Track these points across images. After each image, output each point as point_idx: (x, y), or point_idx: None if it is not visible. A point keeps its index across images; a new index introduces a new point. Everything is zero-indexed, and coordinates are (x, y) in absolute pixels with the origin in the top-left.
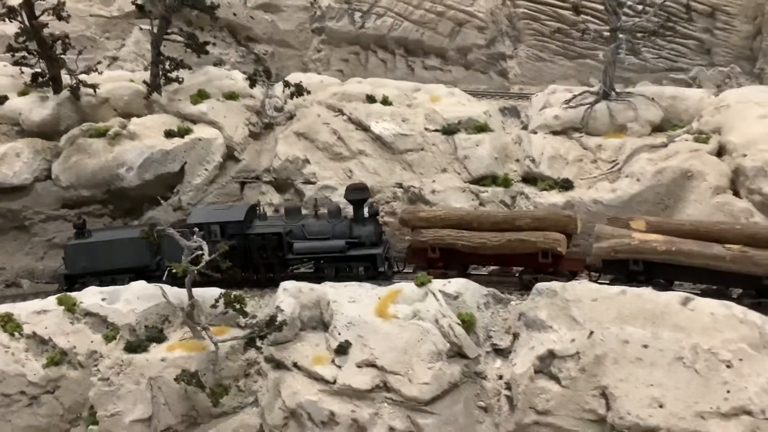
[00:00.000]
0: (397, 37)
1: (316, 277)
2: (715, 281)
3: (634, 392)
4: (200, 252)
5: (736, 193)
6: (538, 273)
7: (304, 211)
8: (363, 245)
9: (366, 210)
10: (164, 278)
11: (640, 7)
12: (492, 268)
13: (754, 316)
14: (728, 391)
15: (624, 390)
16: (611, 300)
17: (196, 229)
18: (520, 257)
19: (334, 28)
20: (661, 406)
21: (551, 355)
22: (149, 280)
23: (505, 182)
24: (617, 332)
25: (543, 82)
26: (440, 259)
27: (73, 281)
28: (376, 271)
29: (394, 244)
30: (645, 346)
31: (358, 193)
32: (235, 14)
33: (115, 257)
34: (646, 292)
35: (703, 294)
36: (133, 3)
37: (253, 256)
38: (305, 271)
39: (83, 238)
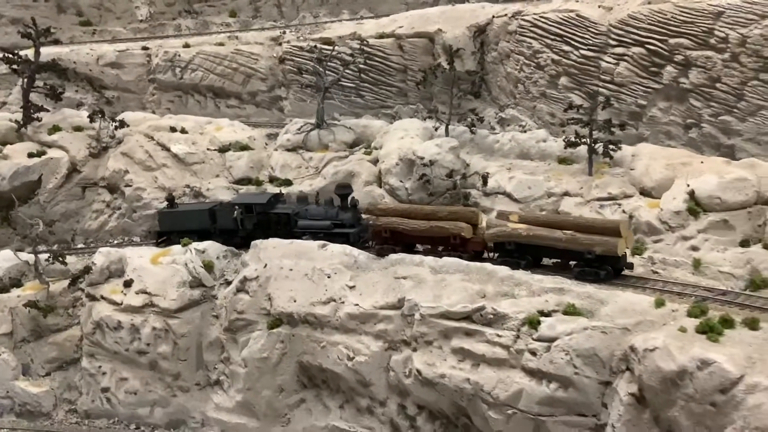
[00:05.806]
0: (206, 85)
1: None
2: (559, 256)
3: (283, 295)
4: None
5: (380, 185)
6: (452, 251)
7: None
8: (344, 226)
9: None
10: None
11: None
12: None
13: (355, 251)
14: (326, 290)
15: (278, 294)
16: (283, 247)
17: (236, 207)
18: (440, 239)
19: (162, 78)
20: (295, 301)
21: (245, 279)
22: (209, 237)
23: (258, 182)
24: (278, 263)
25: (306, 116)
26: (391, 239)
27: (161, 236)
28: (350, 244)
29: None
30: (291, 270)
31: (343, 189)
32: (90, 70)
33: (189, 222)
34: (304, 242)
35: (555, 265)
36: (9, 67)
37: (272, 227)
38: (305, 240)
39: (171, 207)
